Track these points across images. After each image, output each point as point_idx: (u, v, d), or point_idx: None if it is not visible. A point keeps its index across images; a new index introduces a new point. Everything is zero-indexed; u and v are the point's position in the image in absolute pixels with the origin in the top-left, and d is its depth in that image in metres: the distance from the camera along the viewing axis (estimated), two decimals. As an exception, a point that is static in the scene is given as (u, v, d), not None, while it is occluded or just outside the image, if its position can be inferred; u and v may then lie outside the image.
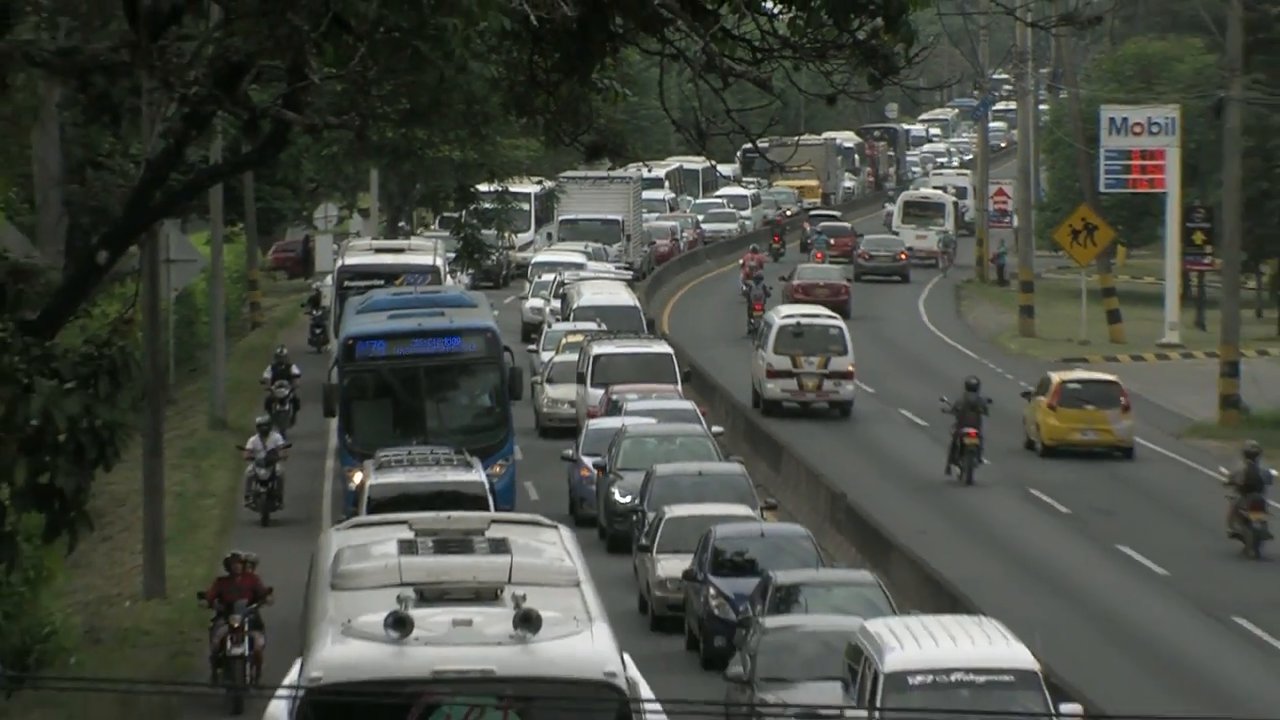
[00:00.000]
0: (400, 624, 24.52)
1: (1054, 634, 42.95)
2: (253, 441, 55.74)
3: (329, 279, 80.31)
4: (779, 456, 63.18)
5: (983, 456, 63.67)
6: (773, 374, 68.56)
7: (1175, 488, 68.46)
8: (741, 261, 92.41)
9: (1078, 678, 39.07)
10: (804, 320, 73.30)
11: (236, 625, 37.01)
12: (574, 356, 72.72)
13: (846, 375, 70.92)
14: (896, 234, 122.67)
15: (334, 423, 58.94)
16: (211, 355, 74.53)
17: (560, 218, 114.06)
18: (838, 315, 75.02)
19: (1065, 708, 36.38)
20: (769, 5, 25.78)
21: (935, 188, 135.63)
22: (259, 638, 37.59)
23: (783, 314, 73.33)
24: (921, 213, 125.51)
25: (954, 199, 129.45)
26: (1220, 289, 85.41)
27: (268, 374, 69.34)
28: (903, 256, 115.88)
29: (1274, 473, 54.40)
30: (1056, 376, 68.13)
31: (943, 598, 45.26)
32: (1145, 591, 55.51)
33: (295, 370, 68.37)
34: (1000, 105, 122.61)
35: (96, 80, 25.55)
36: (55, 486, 22.41)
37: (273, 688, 28.42)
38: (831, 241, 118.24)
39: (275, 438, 56.22)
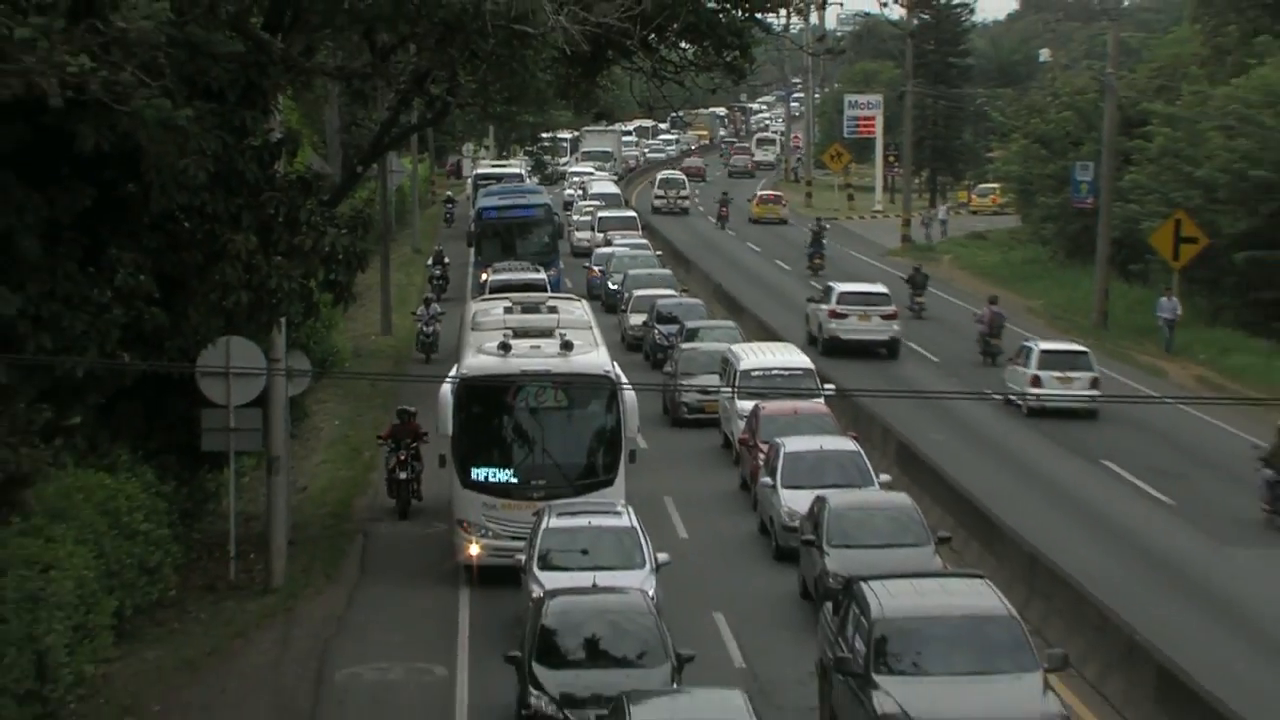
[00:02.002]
0: (504, 348, 38.70)
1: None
2: (419, 310, 65.83)
3: (469, 183, 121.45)
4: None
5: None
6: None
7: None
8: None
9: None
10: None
11: (403, 458, 42.93)
12: (589, 217, 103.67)
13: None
14: (753, 153, 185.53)
15: (470, 253, 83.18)
16: (412, 217, 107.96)
17: (582, 149, 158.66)
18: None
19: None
20: (683, 45, 36.94)
21: (769, 134, 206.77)
22: (418, 465, 43.19)
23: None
24: (763, 143, 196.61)
25: (778, 137, 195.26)
26: (902, 182, 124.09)
27: (430, 261, 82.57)
28: (751, 166, 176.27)
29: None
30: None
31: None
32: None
33: (446, 259, 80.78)
34: (798, 94, 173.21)
35: (355, 82, 36.13)
36: (337, 280, 31.06)
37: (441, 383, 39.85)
38: (733, 157, 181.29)
39: (435, 308, 65.39)
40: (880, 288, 71.87)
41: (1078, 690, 30.32)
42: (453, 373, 39.96)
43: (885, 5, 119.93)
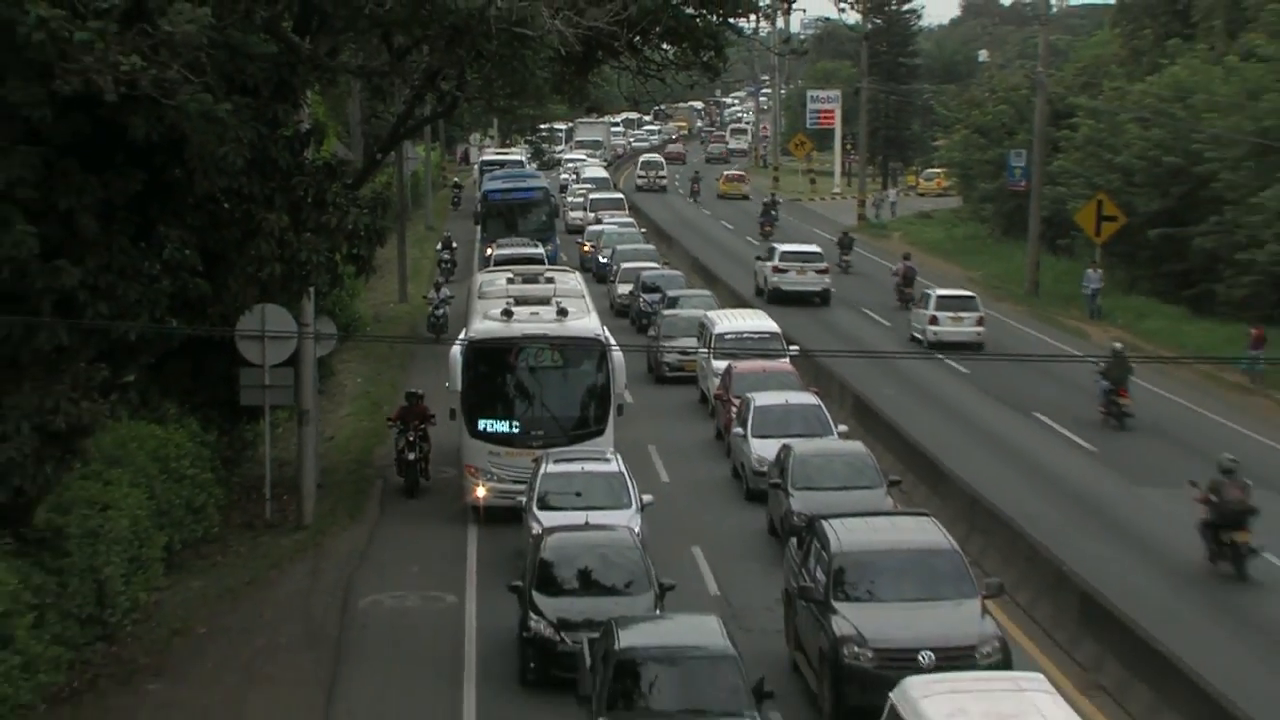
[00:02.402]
0: (507, 314, 38.81)
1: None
2: (430, 294, 61.79)
3: (476, 169, 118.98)
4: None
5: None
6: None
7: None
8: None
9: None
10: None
11: (411, 439, 39.42)
12: (582, 198, 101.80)
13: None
14: (728, 142, 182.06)
15: (478, 229, 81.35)
16: (425, 199, 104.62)
17: (576, 138, 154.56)
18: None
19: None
20: (664, 47, 36.18)
21: (741, 125, 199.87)
22: (426, 446, 39.87)
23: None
24: (736, 133, 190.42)
25: (749, 127, 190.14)
26: (857, 168, 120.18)
27: (439, 246, 77.91)
28: (725, 153, 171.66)
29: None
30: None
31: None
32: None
33: (454, 244, 77.05)
34: (766, 89, 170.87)
35: (374, 79, 35.29)
36: (359, 254, 30.94)
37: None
38: (710, 145, 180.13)
39: (444, 291, 61.14)
40: (814, 248, 77.30)
41: (1011, 614, 30.42)
42: (461, 336, 40.04)
43: (843, 11, 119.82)
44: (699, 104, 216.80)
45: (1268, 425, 48.42)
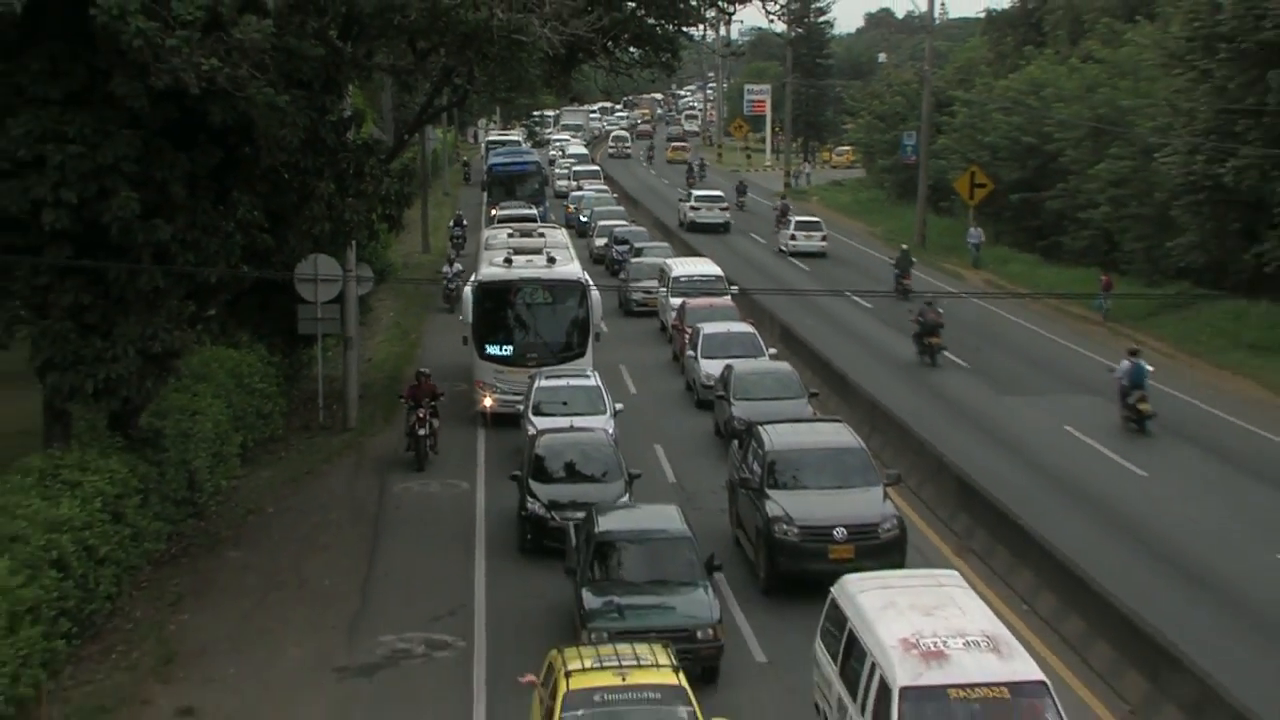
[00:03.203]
0: (508, 261, 39.07)
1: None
2: (444, 268, 56.50)
3: (482, 147, 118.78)
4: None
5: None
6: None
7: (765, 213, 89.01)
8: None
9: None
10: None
11: (422, 415, 33.84)
12: (567, 170, 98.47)
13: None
14: (683, 125, 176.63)
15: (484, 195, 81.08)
16: (443, 170, 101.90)
17: (561, 122, 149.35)
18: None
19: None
20: (631, 50, 35.28)
21: (693, 111, 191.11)
22: (435, 422, 34.44)
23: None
24: (689, 118, 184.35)
25: (699, 114, 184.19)
26: (783, 146, 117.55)
27: (451, 223, 70.17)
28: (682, 134, 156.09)
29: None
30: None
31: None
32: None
33: (465, 221, 69.41)
34: (712, 84, 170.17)
35: (402, 75, 33.87)
36: (391, 214, 31.58)
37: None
38: (669, 127, 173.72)
39: (456, 266, 55.52)
40: (718, 191, 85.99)
41: (905, 497, 30.56)
42: (472, 279, 40.00)
43: (772, 21, 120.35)
44: (659, 95, 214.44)
45: (1100, 347, 48.33)
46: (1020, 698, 16.31)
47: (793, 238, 70.81)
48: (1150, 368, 39.55)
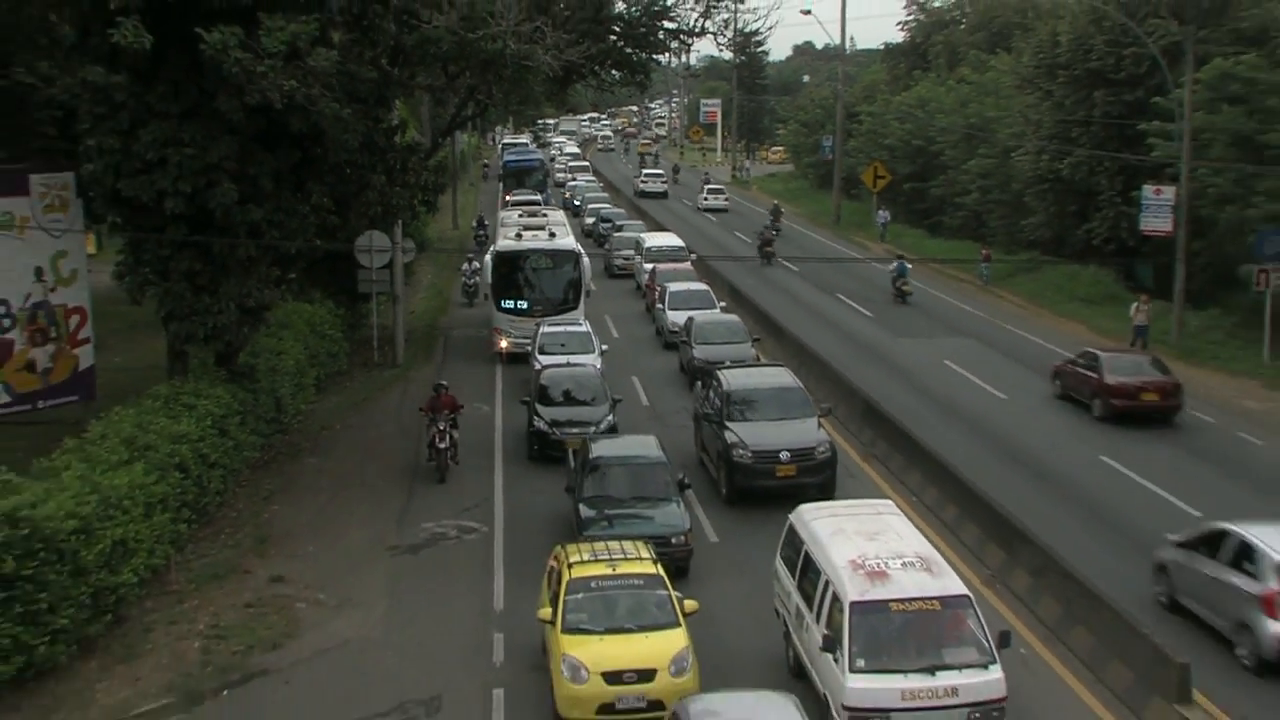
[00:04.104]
0: (518, 235, 38.64)
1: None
2: (464, 266, 49.71)
3: (499, 148, 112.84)
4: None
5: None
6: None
7: (695, 184, 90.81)
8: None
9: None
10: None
11: (442, 428, 26.94)
12: (564, 164, 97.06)
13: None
14: (654, 130, 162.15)
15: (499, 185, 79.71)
16: (469, 166, 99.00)
17: (560, 128, 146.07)
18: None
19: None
20: (614, 72, 35.17)
21: (661, 120, 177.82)
22: (455, 435, 27.34)
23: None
24: (657, 125, 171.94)
25: (666, 122, 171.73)
26: (730, 146, 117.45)
27: (474, 223, 63.02)
28: (654, 138, 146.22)
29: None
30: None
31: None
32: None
33: (487, 222, 61.15)
34: (676, 98, 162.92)
35: (436, 92, 34.45)
36: (428, 200, 32.65)
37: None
38: (646, 132, 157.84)
39: (475, 264, 47.90)
40: (661, 171, 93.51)
41: (832, 424, 29.72)
42: (491, 249, 39.77)
43: (721, 50, 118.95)
44: (635, 107, 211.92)
45: (976, 304, 48.29)
46: (948, 609, 15.70)
47: (705, 198, 79.11)
48: (910, 265, 47.44)
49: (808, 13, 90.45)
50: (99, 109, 23.66)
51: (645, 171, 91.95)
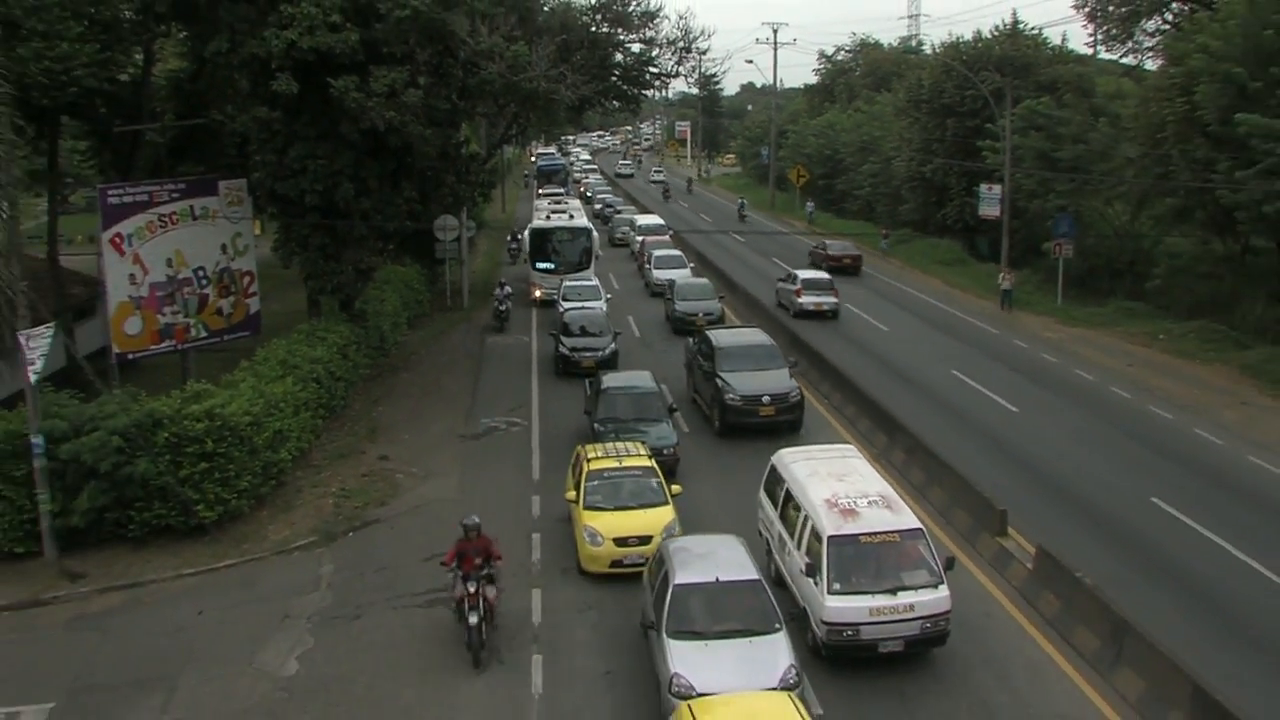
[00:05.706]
0: (548, 217, 37.17)
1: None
2: (496, 290, 37.67)
3: (534, 157, 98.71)
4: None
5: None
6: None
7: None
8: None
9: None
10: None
11: (473, 589, 13.99)
12: (581, 167, 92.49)
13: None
14: (645, 144, 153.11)
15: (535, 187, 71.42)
16: (514, 170, 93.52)
17: (578, 142, 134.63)
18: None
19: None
20: (615, 102, 34.35)
21: (649, 136, 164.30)
22: (490, 592, 14.20)
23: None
24: (650, 137, 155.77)
25: (653, 137, 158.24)
26: (698, 154, 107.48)
27: (509, 237, 49.98)
28: (645, 147, 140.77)
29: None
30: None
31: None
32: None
33: (520, 235, 49.54)
34: (660, 120, 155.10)
35: (490, 117, 35.58)
36: (485, 193, 29.88)
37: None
38: (637, 146, 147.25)
39: (507, 289, 36.70)
40: (630, 166, 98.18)
41: (799, 376, 26.47)
42: (527, 227, 39.05)
43: (690, 87, 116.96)
44: (629, 126, 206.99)
45: (872, 266, 47.04)
46: (905, 539, 14.05)
47: (652, 175, 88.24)
48: (811, 205, 46.79)
49: (750, 62, 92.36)
50: (262, 135, 23.66)
51: (620, 163, 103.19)
